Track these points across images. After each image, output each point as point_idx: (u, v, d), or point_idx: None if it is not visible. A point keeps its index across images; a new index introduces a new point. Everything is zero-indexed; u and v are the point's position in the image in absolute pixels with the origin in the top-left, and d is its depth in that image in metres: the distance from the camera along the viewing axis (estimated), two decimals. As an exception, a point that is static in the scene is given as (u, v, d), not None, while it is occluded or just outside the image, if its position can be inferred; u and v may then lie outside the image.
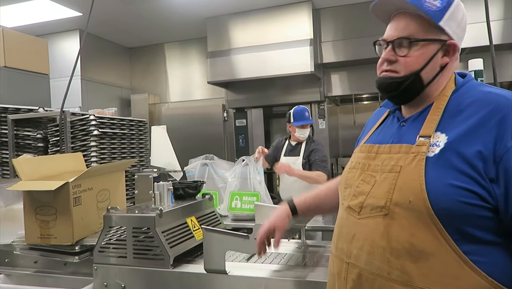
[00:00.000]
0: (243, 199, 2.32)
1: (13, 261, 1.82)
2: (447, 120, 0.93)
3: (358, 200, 0.98)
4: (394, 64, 0.99)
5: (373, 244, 0.92)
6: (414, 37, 0.97)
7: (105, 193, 1.79)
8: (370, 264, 0.92)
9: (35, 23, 4.22)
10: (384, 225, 0.90)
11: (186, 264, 1.48)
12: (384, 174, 0.94)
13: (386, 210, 0.90)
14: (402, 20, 1.00)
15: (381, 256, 0.90)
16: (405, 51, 0.98)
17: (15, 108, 2.46)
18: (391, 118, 1.09)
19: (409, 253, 0.87)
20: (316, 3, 4.13)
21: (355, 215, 0.98)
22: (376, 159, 1.00)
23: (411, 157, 0.91)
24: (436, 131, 0.92)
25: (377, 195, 0.93)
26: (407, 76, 0.97)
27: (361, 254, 0.94)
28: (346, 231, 1.00)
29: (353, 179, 1.03)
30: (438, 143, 0.89)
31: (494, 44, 1.74)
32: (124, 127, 2.42)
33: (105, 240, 1.53)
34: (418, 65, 0.97)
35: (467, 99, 0.93)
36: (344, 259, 0.99)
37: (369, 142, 1.07)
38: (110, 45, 5.16)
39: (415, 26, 0.98)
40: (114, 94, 5.22)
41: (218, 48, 4.33)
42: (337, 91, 4.41)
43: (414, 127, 0.97)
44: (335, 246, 1.04)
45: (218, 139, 4.74)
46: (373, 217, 0.93)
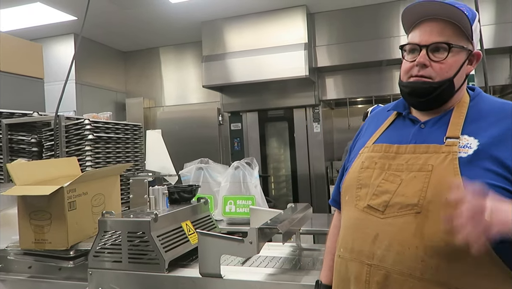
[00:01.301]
0: (237, 203, 2.32)
1: (7, 266, 1.81)
2: (471, 125, 0.96)
3: (382, 199, 0.96)
4: (427, 70, 0.99)
5: (404, 243, 0.89)
6: (452, 43, 0.98)
7: (100, 197, 1.79)
8: (399, 264, 0.89)
9: (30, 27, 4.20)
10: (417, 223, 0.89)
11: (181, 268, 1.48)
12: (412, 173, 0.94)
13: (419, 208, 0.89)
14: (436, 25, 1.00)
15: (413, 255, 0.88)
16: (441, 56, 0.99)
17: (9, 112, 2.45)
18: (401, 120, 1.10)
19: (444, 251, 0.86)
20: (310, 8, 4.15)
21: (377, 214, 0.95)
22: (397, 158, 0.99)
23: (442, 156, 0.92)
24: (463, 134, 0.95)
25: (406, 193, 0.92)
26: (443, 82, 0.99)
27: (388, 254, 0.91)
28: (365, 231, 0.97)
29: (369, 178, 1.01)
30: (469, 145, 0.92)
31: (485, 48, 1.77)
32: (119, 131, 2.42)
33: (100, 245, 1.52)
34: (452, 72, 0.99)
35: (485, 108, 1.00)
36: (364, 261, 0.95)
37: (381, 142, 1.07)
38: (105, 49, 5.16)
39: (451, 32, 0.99)
40: (109, 98, 5.21)
41: (213, 52, 4.34)
42: (331, 95, 4.43)
43: (437, 129, 0.99)
44: (349, 249, 1.00)
45: (213, 143, 4.74)
46: (402, 215, 0.92)
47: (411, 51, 1.03)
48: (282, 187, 4.61)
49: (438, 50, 0.99)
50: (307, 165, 4.35)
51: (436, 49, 0.99)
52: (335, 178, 4.53)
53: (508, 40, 3.69)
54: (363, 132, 1.21)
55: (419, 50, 1.00)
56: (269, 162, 4.59)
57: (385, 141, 1.06)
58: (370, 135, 1.13)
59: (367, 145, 1.10)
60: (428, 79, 0.99)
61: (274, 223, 1.38)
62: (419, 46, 1.00)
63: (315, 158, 4.33)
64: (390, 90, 4.22)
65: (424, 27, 1.01)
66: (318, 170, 4.32)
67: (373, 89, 4.28)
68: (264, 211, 1.86)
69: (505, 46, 3.73)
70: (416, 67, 1.00)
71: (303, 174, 4.36)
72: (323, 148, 4.31)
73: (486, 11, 3.73)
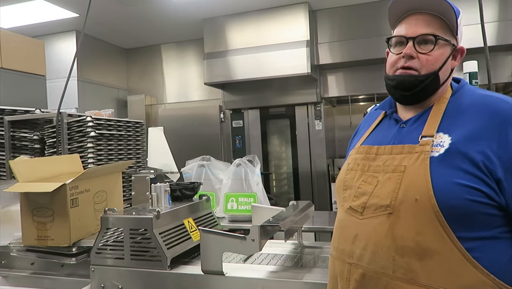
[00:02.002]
0: (239, 200, 2.33)
1: (10, 263, 1.82)
2: (448, 121, 0.95)
3: (360, 200, 0.98)
4: (414, 61, 0.99)
5: (378, 243, 0.92)
6: (439, 35, 0.98)
7: (102, 194, 1.79)
8: (374, 263, 0.92)
9: (32, 24, 4.20)
10: (389, 224, 0.91)
11: (183, 265, 1.48)
12: (387, 174, 0.95)
13: (391, 208, 0.91)
14: (422, 18, 1.00)
15: (385, 255, 0.91)
16: (428, 48, 0.98)
17: (11, 109, 2.45)
18: (387, 120, 1.10)
19: (414, 251, 0.87)
20: (312, 5, 4.14)
21: (357, 215, 0.98)
22: (377, 159, 1.00)
23: (415, 156, 0.92)
24: (438, 132, 0.94)
25: (381, 194, 0.94)
26: (428, 75, 0.98)
27: (365, 254, 0.94)
28: (347, 232, 1.00)
29: (352, 180, 1.03)
30: (442, 144, 0.91)
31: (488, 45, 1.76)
32: (121, 128, 2.42)
33: (102, 242, 1.53)
34: (437, 64, 0.99)
35: (465, 102, 0.97)
36: (346, 260, 0.99)
37: (366, 144, 1.08)
38: (107, 46, 5.15)
39: (437, 25, 0.99)
40: (111, 95, 5.21)
41: (215, 50, 4.33)
42: (333, 93, 4.42)
43: (415, 128, 0.99)
44: (335, 248, 1.04)
45: (215, 140, 4.74)
46: (376, 216, 0.94)
47: (398, 44, 1.03)
48: (283, 184, 4.61)
49: (425, 43, 0.98)
50: (308, 163, 4.35)
51: (423, 41, 0.98)
52: (336, 176, 4.52)
53: (510, 37, 3.67)
54: (357, 133, 1.21)
55: (406, 42, 1.00)
56: (270, 159, 4.59)
57: (370, 142, 1.07)
58: (361, 136, 1.15)
59: (356, 146, 1.11)
60: (414, 72, 0.99)
61: (276, 221, 1.38)
62: (406, 38, 1.00)
63: (317, 156, 4.32)
64: (392, 87, 4.20)
65: (410, 20, 1.01)
66: (319, 168, 4.32)
67: (375, 86, 4.27)
68: (266, 209, 1.87)
69: (507, 43, 3.71)
70: (403, 59, 1.00)
71: (305, 172, 4.36)
72: (325, 145, 4.30)
73: (489, 8, 3.71)
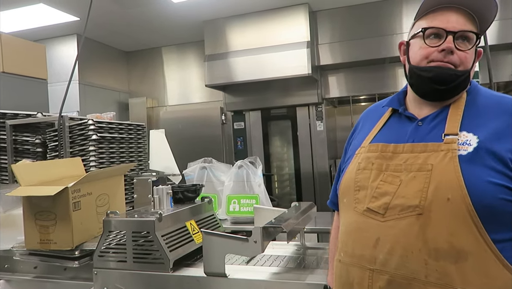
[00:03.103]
0: (241, 202, 2.33)
1: (13, 267, 1.82)
2: (469, 120, 0.94)
3: (381, 201, 0.93)
4: (452, 57, 0.96)
5: (407, 246, 0.87)
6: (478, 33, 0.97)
7: (105, 197, 1.79)
8: (403, 268, 0.87)
9: (33, 28, 4.21)
10: (419, 225, 0.87)
11: (185, 268, 1.48)
12: (411, 173, 0.91)
13: (421, 209, 0.87)
14: (459, 15, 0.97)
15: (417, 259, 0.86)
16: (466, 45, 0.96)
17: (13, 113, 2.46)
18: (397, 117, 1.07)
19: (448, 253, 0.84)
20: (312, 6, 4.14)
21: (378, 217, 0.93)
22: (394, 158, 0.96)
23: (442, 155, 0.89)
24: (461, 131, 0.92)
25: (407, 194, 0.90)
26: (464, 72, 0.97)
27: (391, 258, 0.89)
28: (365, 235, 0.94)
29: (367, 180, 0.98)
30: (469, 142, 0.89)
31: (489, 44, 1.76)
32: (122, 131, 2.43)
33: (104, 245, 1.53)
34: (470, 63, 0.98)
35: (483, 103, 0.97)
36: (366, 266, 0.92)
37: (377, 141, 1.03)
38: (108, 49, 5.16)
39: (472, 24, 0.97)
40: (112, 98, 5.22)
41: (216, 52, 4.34)
42: (334, 93, 4.42)
43: (435, 126, 0.96)
44: (349, 253, 0.98)
45: (217, 142, 4.74)
46: (403, 217, 0.89)
47: (433, 36, 0.98)
48: (285, 185, 4.60)
49: (463, 39, 0.96)
50: (310, 163, 4.34)
51: (463, 38, 0.96)
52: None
53: (511, 36, 3.66)
54: (358, 131, 1.17)
55: (445, 36, 0.96)
56: (272, 161, 4.58)
57: (382, 140, 1.03)
58: (366, 134, 1.10)
59: (363, 145, 1.07)
60: (452, 66, 0.96)
61: (279, 222, 1.38)
62: (446, 31, 0.96)
63: (319, 156, 4.32)
64: (393, 87, 4.19)
65: (447, 14, 0.97)
66: (321, 168, 4.31)
67: (376, 87, 4.26)
68: (268, 210, 1.86)
69: (508, 42, 3.70)
70: (441, 53, 0.96)
71: (307, 172, 4.35)
72: (327, 146, 4.30)
73: (490, 7, 3.70)
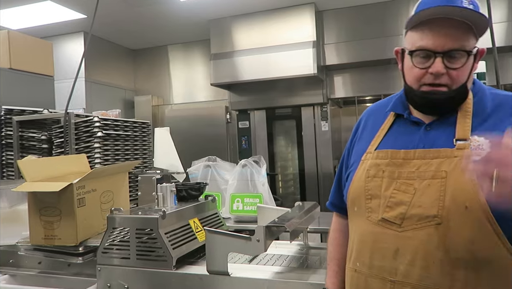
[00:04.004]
0: (244, 201, 2.33)
1: (17, 262, 1.84)
2: (478, 124, 0.92)
3: (397, 211, 0.91)
4: (443, 78, 0.92)
5: (428, 257, 0.86)
6: (470, 50, 0.91)
7: (109, 194, 1.80)
8: (426, 279, 0.86)
9: (40, 25, 4.24)
10: (439, 235, 0.85)
11: (188, 266, 1.49)
12: (425, 181, 0.89)
13: (439, 219, 0.85)
14: (449, 27, 0.91)
15: (439, 269, 0.84)
16: (458, 63, 0.91)
17: (20, 110, 2.48)
18: (402, 122, 1.03)
19: (470, 262, 0.83)
20: (319, 5, 4.13)
21: (394, 227, 0.90)
22: (406, 165, 0.93)
23: (456, 161, 0.87)
24: (472, 135, 0.90)
25: (423, 203, 0.88)
26: (459, 89, 0.93)
27: (412, 270, 0.87)
28: (383, 246, 0.92)
29: (379, 188, 0.96)
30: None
31: (497, 46, 1.74)
32: (127, 129, 2.44)
33: (108, 241, 1.54)
34: (466, 76, 0.93)
35: (490, 103, 0.95)
36: (386, 277, 0.91)
37: (385, 148, 1.00)
38: (114, 47, 5.19)
39: (464, 35, 0.91)
40: (118, 96, 5.24)
41: (221, 50, 4.34)
42: (340, 93, 4.41)
43: (444, 131, 0.94)
44: (367, 264, 0.95)
45: (221, 141, 4.75)
46: (421, 228, 0.87)
47: (422, 55, 0.94)
48: (289, 185, 4.60)
49: (454, 57, 0.91)
50: (315, 164, 4.33)
51: (453, 55, 0.91)
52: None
53: (519, 38, 3.64)
54: (359, 133, 1.13)
55: (434, 56, 0.91)
56: (276, 160, 4.58)
57: (389, 146, 1.00)
58: (370, 138, 1.06)
59: (369, 150, 1.03)
60: (444, 88, 0.92)
61: (282, 221, 1.38)
62: (434, 52, 0.91)
63: (323, 157, 4.31)
64: (398, 88, 4.12)
65: (436, 29, 0.91)
66: (326, 169, 4.30)
67: (382, 87, 4.25)
68: (272, 209, 1.86)
69: (516, 44, 3.68)
70: (431, 76, 0.92)
71: (311, 173, 4.35)
72: (331, 146, 4.29)
73: (497, 8, 3.68)
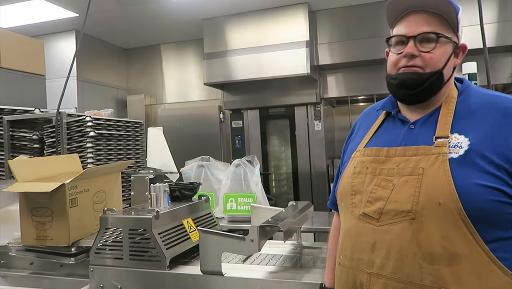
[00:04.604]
0: (238, 201, 2.33)
1: (8, 263, 1.82)
2: (460, 122, 0.94)
3: (376, 206, 0.94)
4: (416, 60, 0.97)
5: (401, 251, 0.89)
6: (441, 33, 0.97)
7: (102, 194, 1.79)
8: (399, 272, 0.89)
9: (31, 24, 4.19)
10: (413, 230, 0.88)
11: (182, 266, 1.48)
12: (403, 177, 0.92)
13: (413, 214, 0.88)
14: (421, 17, 0.98)
15: (411, 263, 0.87)
16: (430, 46, 0.97)
17: (10, 109, 2.45)
18: (391, 121, 1.07)
19: (442, 257, 0.85)
20: (312, 5, 4.14)
21: (373, 222, 0.94)
22: (388, 162, 0.97)
23: (433, 158, 0.90)
24: (453, 133, 0.92)
25: (399, 199, 0.91)
26: (433, 73, 0.97)
27: (387, 263, 0.90)
28: (362, 240, 0.96)
29: (362, 184, 1.00)
30: (459, 145, 0.90)
31: (487, 47, 1.76)
32: (120, 128, 2.42)
33: (101, 242, 1.53)
34: (441, 63, 0.97)
35: (474, 102, 0.97)
36: (364, 269, 0.94)
37: (371, 145, 1.04)
38: (106, 46, 5.15)
39: (437, 23, 0.98)
40: (110, 95, 5.21)
41: (215, 50, 4.33)
42: (333, 93, 4.42)
43: (427, 129, 0.97)
44: (349, 257, 1.00)
45: (215, 140, 4.74)
46: (397, 222, 0.90)
47: (398, 43, 1.01)
48: (283, 184, 4.61)
49: (426, 41, 0.97)
50: (308, 163, 4.35)
51: (425, 39, 0.97)
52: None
53: (510, 38, 3.68)
54: (354, 134, 1.18)
55: (407, 41, 0.98)
56: (270, 160, 4.59)
57: (376, 144, 1.04)
58: (361, 137, 1.11)
59: (358, 148, 1.08)
60: (418, 69, 0.97)
61: (275, 221, 1.38)
62: (406, 37, 0.98)
63: (316, 156, 4.32)
64: (391, 88, 4.20)
65: (409, 19, 0.99)
66: (319, 168, 4.32)
67: (375, 87, 4.27)
68: (265, 209, 1.87)
69: (507, 44, 3.71)
70: (404, 58, 0.98)
71: (304, 172, 4.36)
72: (324, 146, 4.30)
73: (488, 9, 3.72)
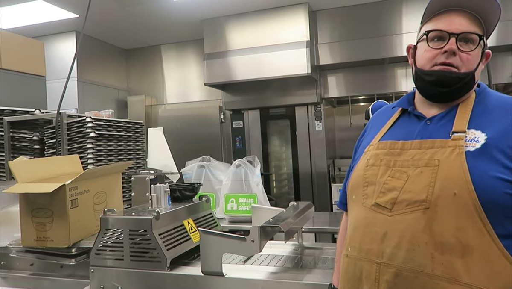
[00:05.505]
0: (239, 201, 2.32)
1: (9, 264, 1.82)
2: (477, 119, 0.96)
3: (389, 196, 0.95)
4: (454, 58, 0.98)
5: (413, 240, 0.88)
6: (482, 34, 0.98)
7: (102, 195, 1.79)
8: (410, 262, 0.88)
9: (32, 25, 4.19)
10: (426, 220, 0.88)
11: (183, 267, 1.48)
12: (418, 169, 0.93)
13: (427, 203, 0.89)
14: (463, 17, 0.99)
15: (423, 252, 0.87)
16: (469, 47, 0.98)
17: (11, 110, 2.45)
18: (406, 117, 1.09)
19: (454, 247, 0.85)
20: (312, 5, 4.14)
21: (385, 212, 0.95)
22: (402, 154, 0.99)
23: (449, 151, 0.91)
24: (469, 129, 0.94)
25: (414, 189, 0.92)
26: (468, 74, 0.98)
27: (398, 252, 0.90)
28: (373, 230, 0.96)
29: (375, 176, 1.00)
30: (476, 139, 0.91)
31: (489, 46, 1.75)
32: (120, 129, 2.42)
33: (101, 243, 1.53)
34: (474, 64, 0.99)
35: (491, 103, 1.00)
36: (374, 259, 0.94)
37: (386, 139, 1.06)
38: (107, 46, 5.15)
39: (477, 26, 0.99)
40: (111, 96, 5.21)
41: (215, 50, 4.33)
42: (333, 93, 4.42)
43: (443, 125, 0.98)
44: (357, 248, 0.99)
45: (215, 141, 4.74)
46: (410, 212, 0.91)
47: (435, 38, 1.01)
48: (283, 185, 4.60)
49: (466, 41, 0.98)
50: (309, 163, 4.34)
51: (465, 39, 0.98)
52: (337, 176, 4.52)
53: (510, 38, 3.67)
54: (367, 132, 1.19)
55: (448, 38, 0.98)
56: (270, 160, 4.59)
57: (391, 138, 1.05)
58: (375, 133, 1.12)
59: (372, 143, 1.09)
60: (454, 69, 0.98)
61: (276, 222, 1.38)
62: (449, 33, 0.98)
63: (317, 156, 4.32)
64: (392, 88, 4.20)
65: (451, 17, 0.99)
66: (320, 168, 4.32)
67: (376, 87, 4.27)
68: (266, 209, 1.86)
69: (507, 44, 3.70)
70: (443, 55, 0.98)
71: (305, 172, 4.36)
72: (325, 146, 4.30)
73: (489, 8, 3.71)
